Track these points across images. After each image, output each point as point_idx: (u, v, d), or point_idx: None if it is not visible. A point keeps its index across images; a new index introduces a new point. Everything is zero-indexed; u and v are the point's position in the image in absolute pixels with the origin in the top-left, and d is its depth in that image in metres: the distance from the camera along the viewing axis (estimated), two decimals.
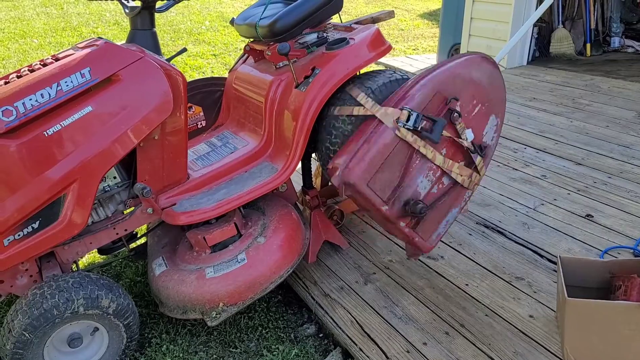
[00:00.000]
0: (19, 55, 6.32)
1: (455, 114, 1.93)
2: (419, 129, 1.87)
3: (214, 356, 2.02)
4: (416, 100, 1.89)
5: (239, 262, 1.95)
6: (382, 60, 6.38)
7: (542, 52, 5.86)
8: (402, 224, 1.96)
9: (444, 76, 1.94)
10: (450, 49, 6.02)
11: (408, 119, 1.86)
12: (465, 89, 1.97)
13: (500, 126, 2.12)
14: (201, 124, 2.59)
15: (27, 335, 1.65)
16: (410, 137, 1.88)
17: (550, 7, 5.59)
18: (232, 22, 2.37)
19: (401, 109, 1.87)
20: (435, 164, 1.95)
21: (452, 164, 1.98)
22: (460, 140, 1.97)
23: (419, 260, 2.36)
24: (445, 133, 1.93)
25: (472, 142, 2.01)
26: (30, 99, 1.61)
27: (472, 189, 2.08)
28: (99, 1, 2.04)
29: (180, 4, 9.50)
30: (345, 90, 2.09)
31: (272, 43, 2.17)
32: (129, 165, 1.97)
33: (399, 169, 1.90)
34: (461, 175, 2.01)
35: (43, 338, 1.69)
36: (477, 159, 2.03)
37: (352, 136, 1.97)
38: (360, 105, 1.99)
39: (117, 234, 1.99)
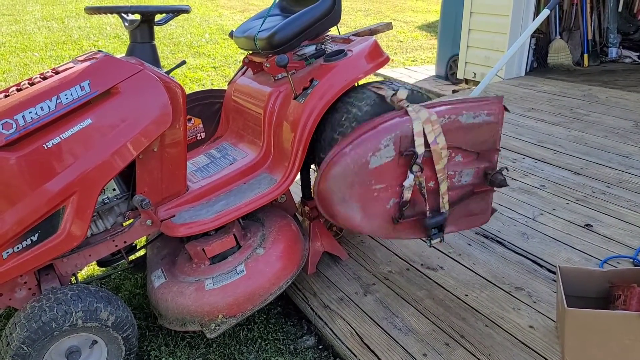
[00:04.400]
0: (19, 69, 6.36)
1: None
2: None
3: None
4: None
5: (238, 274, 1.95)
6: (381, 71, 6.42)
7: (540, 63, 5.89)
8: None
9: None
10: (449, 60, 6.06)
11: None
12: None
13: None
14: (200, 135, 2.60)
15: (25, 348, 1.64)
16: None
17: (548, 18, 5.64)
18: (231, 34, 2.39)
19: None
20: None
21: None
22: None
23: (419, 270, 2.36)
24: None
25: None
26: (30, 112, 1.62)
27: None
28: (100, 15, 2.06)
29: (180, 17, 9.57)
30: None
31: (270, 55, 2.19)
32: (128, 177, 1.98)
33: None
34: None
35: (41, 351, 1.68)
36: None
37: None
38: None
39: (117, 246, 1.98)
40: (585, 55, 5.88)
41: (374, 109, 2.04)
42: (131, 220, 2.00)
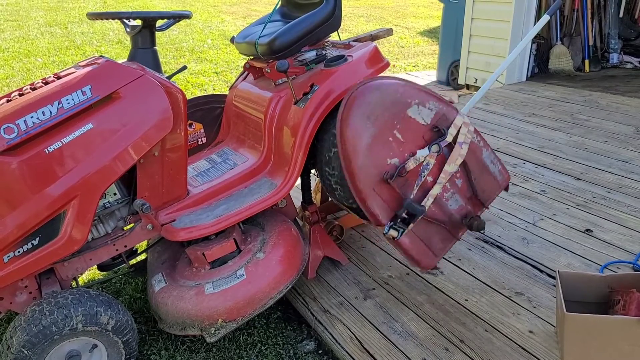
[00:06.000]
0: (22, 74, 6.39)
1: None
2: None
3: None
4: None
5: (238, 278, 1.95)
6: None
7: (541, 68, 5.90)
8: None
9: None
10: (450, 65, 6.07)
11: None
12: None
13: None
14: (201, 140, 2.61)
15: (25, 352, 1.65)
16: None
17: (549, 23, 5.66)
18: (232, 40, 2.41)
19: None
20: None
21: None
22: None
23: (419, 275, 2.36)
24: None
25: None
26: (32, 117, 1.64)
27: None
28: (102, 20, 2.08)
29: (182, 23, 9.62)
30: None
31: (271, 60, 2.20)
32: (129, 181, 1.99)
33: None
34: None
35: (41, 355, 1.69)
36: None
37: None
38: None
39: (117, 250, 1.99)
40: (586, 61, 5.89)
41: None
42: (132, 225, 2.01)
